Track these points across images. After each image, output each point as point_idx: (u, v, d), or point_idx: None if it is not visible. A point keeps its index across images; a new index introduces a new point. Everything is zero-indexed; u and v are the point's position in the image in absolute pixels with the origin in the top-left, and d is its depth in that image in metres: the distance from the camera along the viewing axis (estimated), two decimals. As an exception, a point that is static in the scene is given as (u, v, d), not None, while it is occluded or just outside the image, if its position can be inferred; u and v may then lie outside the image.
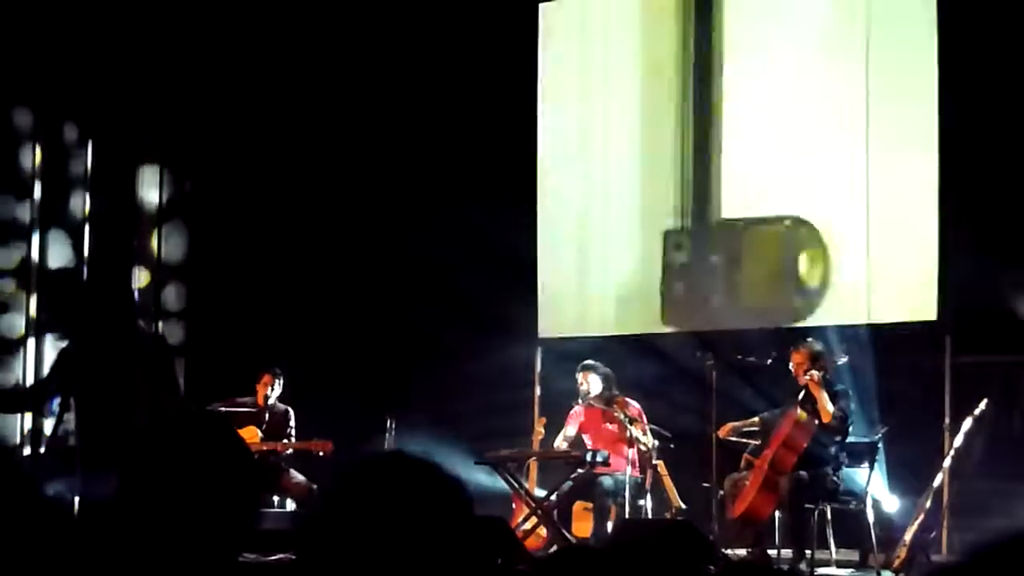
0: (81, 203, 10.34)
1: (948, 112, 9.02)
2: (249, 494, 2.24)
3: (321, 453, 9.19)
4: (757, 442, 8.06)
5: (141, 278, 10.69)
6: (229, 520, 2.18)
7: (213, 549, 2.17)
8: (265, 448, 9.14)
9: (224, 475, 2.19)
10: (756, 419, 8.28)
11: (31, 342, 9.99)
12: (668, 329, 9.95)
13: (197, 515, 2.15)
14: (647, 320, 10.04)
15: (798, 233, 9.50)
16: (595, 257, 10.36)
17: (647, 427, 8.79)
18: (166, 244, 10.82)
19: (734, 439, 8.18)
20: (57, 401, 10.13)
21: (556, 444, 9.10)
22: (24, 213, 9.99)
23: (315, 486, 9.24)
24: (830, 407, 7.81)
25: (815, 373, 7.89)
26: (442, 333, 10.63)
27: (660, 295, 10.01)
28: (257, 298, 11.00)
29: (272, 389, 9.42)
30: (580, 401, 9.06)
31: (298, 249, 11.11)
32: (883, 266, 9.21)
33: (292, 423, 9.43)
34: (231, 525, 2.19)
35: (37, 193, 10.04)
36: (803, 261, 9.47)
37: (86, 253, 10.31)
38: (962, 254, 8.96)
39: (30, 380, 9.98)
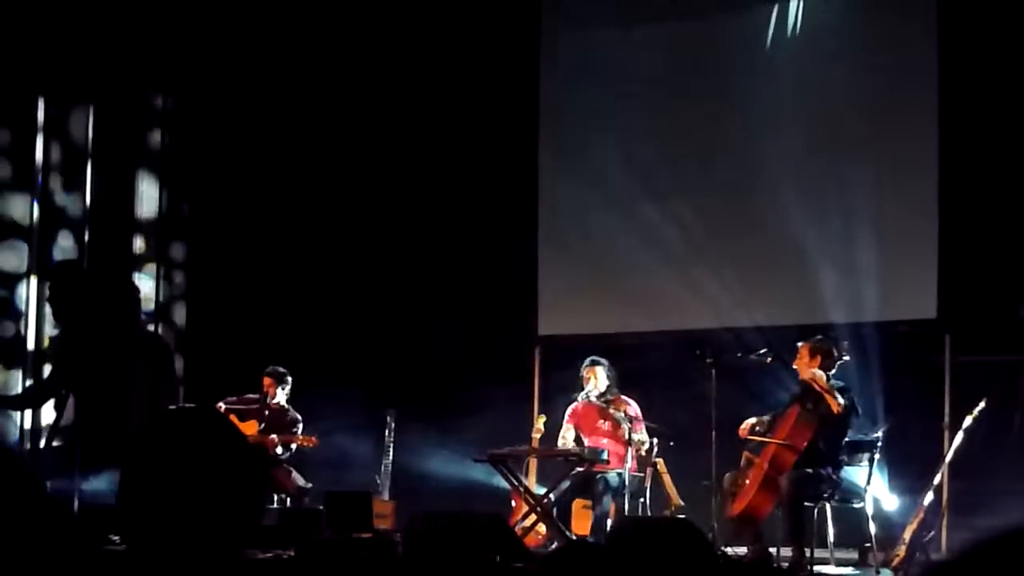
0: (82, 197, 10.33)
1: (949, 117, 9.05)
2: (254, 490, 2.25)
3: (307, 445, 9.25)
4: (768, 440, 8.02)
5: (141, 272, 10.69)
6: (234, 516, 2.19)
7: (218, 545, 2.17)
8: (255, 441, 9.18)
9: (229, 471, 2.20)
10: (769, 417, 8.25)
11: (31, 336, 9.98)
12: (668, 327, 9.96)
13: (202, 511, 2.15)
14: (647, 317, 10.04)
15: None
16: (596, 254, 10.36)
17: (643, 425, 8.79)
18: (168, 240, 10.83)
19: (753, 437, 8.14)
20: (57, 397, 10.13)
21: (558, 445, 9.10)
22: (25, 208, 9.98)
23: (309, 484, 9.30)
24: (839, 399, 7.77)
25: (818, 371, 7.88)
26: (443, 330, 10.64)
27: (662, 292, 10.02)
28: (258, 295, 11.01)
29: (276, 391, 9.47)
30: (581, 397, 9.04)
31: (299, 247, 11.12)
32: (884, 264, 9.22)
33: (299, 429, 9.47)
34: (236, 521, 2.19)
35: (38, 189, 10.04)
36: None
37: (87, 247, 10.31)
38: (962, 253, 8.99)
39: (29, 376, 9.97)
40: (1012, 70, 8.88)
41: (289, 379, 9.62)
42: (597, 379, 8.91)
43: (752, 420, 8.16)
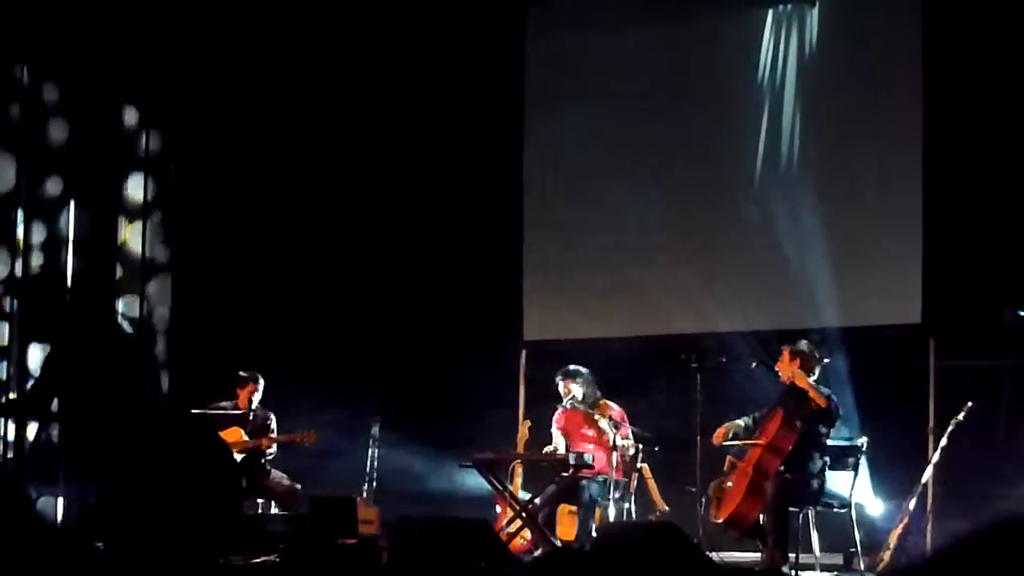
0: (66, 210, 10.30)
1: (933, 123, 9.08)
2: (231, 496, 2.24)
3: (306, 443, 9.22)
4: (751, 442, 8.02)
5: (123, 283, 10.67)
6: (211, 521, 2.18)
7: (195, 550, 2.17)
8: (251, 445, 9.16)
9: (206, 477, 2.19)
10: (744, 421, 8.25)
11: (15, 348, 9.94)
12: (653, 332, 9.96)
13: (180, 517, 2.15)
14: (632, 322, 10.04)
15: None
16: (581, 259, 10.36)
17: (629, 431, 8.78)
18: (150, 249, 10.80)
19: (727, 443, 8.14)
20: (41, 406, 10.10)
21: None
22: (8, 220, 9.95)
23: (299, 486, 9.25)
24: (822, 393, 7.78)
25: (798, 371, 7.89)
26: (427, 335, 10.63)
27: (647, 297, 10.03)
28: (241, 301, 10.99)
29: (254, 394, 9.45)
30: (566, 404, 9.03)
31: (282, 251, 11.10)
32: (868, 269, 9.24)
33: (273, 426, 9.45)
34: (213, 526, 2.19)
35: (22, 201, 10.01)
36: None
37: (70, 260, 10.28)
38: (946, 258, 9.01)
39: (14, 386, 9.94)
40: (996, 78, 8.91)
41: (261, 381, 9.59)
42: (571, 390, 8.90)
43: (725, 427, 8.16)
